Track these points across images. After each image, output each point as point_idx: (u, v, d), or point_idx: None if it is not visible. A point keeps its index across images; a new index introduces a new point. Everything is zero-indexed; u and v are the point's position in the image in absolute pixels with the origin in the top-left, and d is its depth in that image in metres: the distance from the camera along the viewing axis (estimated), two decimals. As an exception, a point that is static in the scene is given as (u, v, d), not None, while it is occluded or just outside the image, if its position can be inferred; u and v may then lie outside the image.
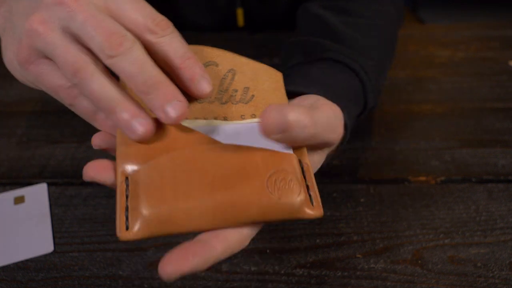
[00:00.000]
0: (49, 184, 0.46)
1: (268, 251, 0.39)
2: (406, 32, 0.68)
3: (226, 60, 0.32)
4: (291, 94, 0.39)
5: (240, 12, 0.75)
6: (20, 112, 0.55)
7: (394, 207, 0.43)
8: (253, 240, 0.39)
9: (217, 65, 0.32)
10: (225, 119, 0.31)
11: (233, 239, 0.27)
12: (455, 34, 0.76)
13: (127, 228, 0.26)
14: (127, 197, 0.27)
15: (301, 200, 0.28)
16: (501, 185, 0.45)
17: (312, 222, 0.41)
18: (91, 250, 0.39)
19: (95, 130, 0.57)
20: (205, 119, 0.30)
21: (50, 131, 0.56)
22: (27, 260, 0.38)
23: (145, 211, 0.26)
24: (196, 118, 0.30)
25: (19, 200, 0.43)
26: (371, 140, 0.52)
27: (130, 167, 0.28)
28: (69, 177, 0.47)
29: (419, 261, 0.37)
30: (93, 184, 0.46)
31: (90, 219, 0.42)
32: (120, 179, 0.27)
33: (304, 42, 0.47)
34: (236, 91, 0.32)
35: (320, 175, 0.40)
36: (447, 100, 0.59)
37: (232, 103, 0.31)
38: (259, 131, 0.28)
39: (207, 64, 0.32)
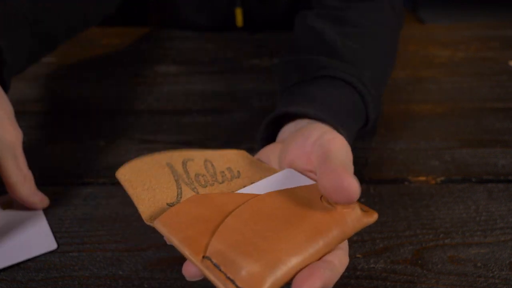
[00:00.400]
0: (49, 184, 0.46)
1: (268, 251, 0.39)
2: (406, 32, 0.68)
3: (197, 155, 0.35)
4: (291, 116, 0.39)
5: (239, 12, 0.75)
6: (20, 112, 0.54)
7: (394, 207, 0.43)
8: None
9: (193, 160, 0.35)
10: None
11: (339, 254, 0.27)
12: (455, 34, 0.76)
13: None
14: (218, 268, 0.25)
15: (358, 208, 0.29)
16: (501, 185, 0.45)
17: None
18: (91, 250, 0.39)
19: (95, 130, 0.57)
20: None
21: (50, 131, 0.56)
22: (27, 260, 0.38)
23: (254, 267, 0.24)
24: None
25: (6, 206, 0.43)
26: (371, 140, 0.52)
27: (200, 245, 0.26)
28: (69, 177, 0.47)
29: (419, 261, 0.37)
30: (93, 184, 0.46)
31: (90, 219, 0.42)
32: (199, 259, 0.26)
33: (300, 61, 0.47)
34: (223, 172, 0.35)
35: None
36: (447, 100, 0.59)
37: (229, 181, 0.34)
38: (347, 202, 0.27)
39: (186, 161, 0.34)
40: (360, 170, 0.47)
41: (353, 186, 0.26)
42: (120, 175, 0.32)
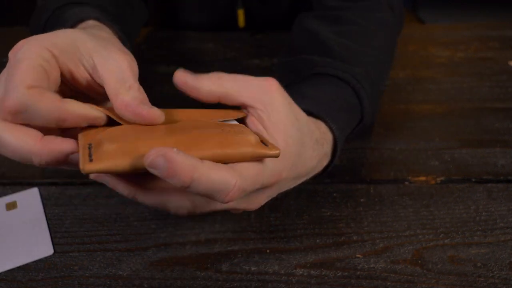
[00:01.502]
0: (49, 184, 0.46)
1: (268, 251, 0.39)
2: (406, 32, 0.68)
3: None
4: None
5: (241, 13, 0.75)
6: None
7: (394, 207, 0.43)
8: (253, 240, 0.40)
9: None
10: None
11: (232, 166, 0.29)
12: (455, 34, 0.76)
13: (90, 161, 0.27)
14: (90, 148, 0.28)
15: (256, 138, 0.30)
16: (500, 185, 0.45)
17: (312, 222, 0.41)
18: (91, 250, 0.39)
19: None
20: None
21: (50, 131, 0.56)
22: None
23: (109, 145, 0.28)
24: None
25: (11, 206, 0.43)
26: (371, 140, 0.52)
27: (92, 138, 0.29)
28: (69, 177, 0.47)
29: (419, 261, 0.38)
30: (93, 184, 0.46)
31: (90, 219, 0.42)
32: (83, 143, 0.29)
33: (294, 61, 0.48)
34: None
35: (320, 175, 0.41)
36: (447, 100, 0.59)
37: None
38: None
39: None
40: (360, 170, 0.47)
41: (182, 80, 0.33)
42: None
